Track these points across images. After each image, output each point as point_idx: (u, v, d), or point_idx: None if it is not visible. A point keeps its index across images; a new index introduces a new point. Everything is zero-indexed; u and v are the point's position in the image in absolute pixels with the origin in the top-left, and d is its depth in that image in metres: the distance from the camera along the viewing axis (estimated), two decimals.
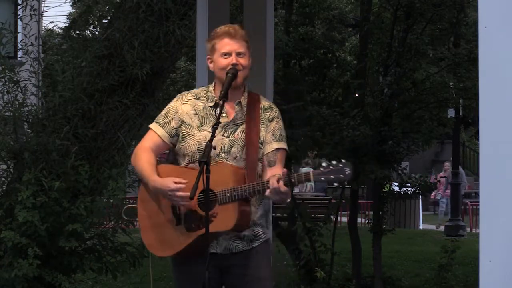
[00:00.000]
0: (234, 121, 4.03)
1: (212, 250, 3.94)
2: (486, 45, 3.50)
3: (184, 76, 14.94)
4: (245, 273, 4.00)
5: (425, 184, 11.69)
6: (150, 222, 4.01)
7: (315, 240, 10.83)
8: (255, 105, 4.07)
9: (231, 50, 3.99)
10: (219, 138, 3.97)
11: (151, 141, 4.07)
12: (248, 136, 3.98)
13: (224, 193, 3.85)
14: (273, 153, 4.01)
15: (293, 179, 3.73)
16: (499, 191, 3.44)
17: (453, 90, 11.51)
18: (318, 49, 11.76)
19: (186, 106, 4.06)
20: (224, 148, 3.97)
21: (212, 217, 3.84)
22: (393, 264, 13.35)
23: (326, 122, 10.56)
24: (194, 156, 3.97)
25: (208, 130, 3.95)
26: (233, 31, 4.00)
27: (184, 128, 4.03)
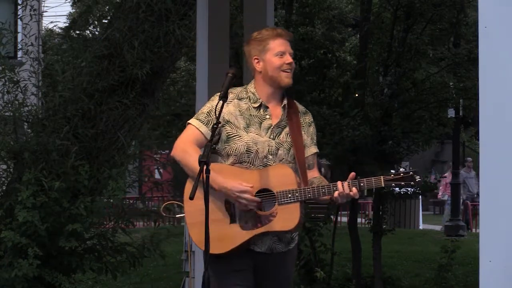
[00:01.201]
0: (279, 124, 4.09)
1: (257, 249, 4.02)
2: (486, 45, 3.50)
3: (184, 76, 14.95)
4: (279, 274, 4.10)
5: (425, 184, 11.69)
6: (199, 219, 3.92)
7: (315, 240, 10.82)
8: (294, 109, 4.16)
9: (286, 50, 4.11)
10: (266, 139, 4.03)
11: (193, 138, 4.03)
12: (295, 139, 4.06)
13: (285, 194, 3.92)
14: (313, 157, 4.15)
15: (362, 183, 3.85)
16: (499, 191, 3.44)
17: (453, 90, 11.50)
18: (318, 49, 11.75)
19: (230, 106, 4.07)
20: (272, 150, 4.03)
21: (272, 216, 3.92)
22: (393, 264, 13.35)
23: (326, 122, 10.55)
24: (242, 157, 4.00)
25: (255, 131, 4.03)
26: (283, 31, 4.14)
27: (229, 128, 4.04)
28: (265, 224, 3.93)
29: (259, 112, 4.06)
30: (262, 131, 4.04)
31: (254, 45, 4.12)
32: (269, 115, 4.07)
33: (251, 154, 3.99)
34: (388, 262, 12.93)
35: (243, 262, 4.01)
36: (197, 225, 3.97)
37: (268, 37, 4.09)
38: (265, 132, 4.04)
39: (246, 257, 4.01)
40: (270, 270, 4.08)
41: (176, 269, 10.82)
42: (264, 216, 3.93)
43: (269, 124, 4.06)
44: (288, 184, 3.93)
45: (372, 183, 3.85)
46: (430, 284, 11.64)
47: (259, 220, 3.94)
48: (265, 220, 3.93)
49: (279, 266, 4.09)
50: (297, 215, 3.92)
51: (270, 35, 4.09)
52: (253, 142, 4.00)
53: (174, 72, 13.38)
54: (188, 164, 3.99)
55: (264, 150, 4.01)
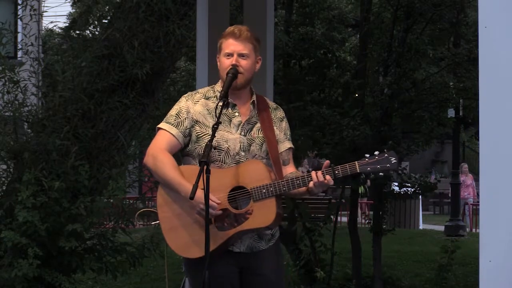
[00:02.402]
0: (249, 121, 4.06)
1: (236, 249, 3.98)
2: (486, 45, 3.50)
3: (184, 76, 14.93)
4: (265, 271, 4.05)
5: (425, 184, 11.69)
6: (175, 224, 3.94)
7: (315, 240, 10.83)
8: (264, 104, 4.12)
9: (234, 50, 4.00)
10: (237, 137, 4.00)
11: (165, 142, 4.00)
12: (266, 134, 4.03)
13: (260, 189, 3.88)
14: (287, 152, 4.12)
15: (337, 171, 3.81)
16: (499, 191, 3.44)
17: (453, 90, 11.51)
18: (318, 49, 11.75)
19: (198, 106, 4.04)
20: (244, 147, 3.99)
21: (248, 214, 3.87)
22: (393, 264, 13.35)
23: (326, 122, 10.56)
24: (213, 155, 3.94)
25: (224, 129, 3.98)
26: (238, 31, 4.00)
27: (198, 128, 4.02)
28: (241, 222, 3.88)
29: (227, 110, 4.02)
30: (232, 128, 4.01)
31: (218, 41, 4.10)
32: (237, 112, 4.04)
33: (222, 152, 3.96)
34: (388, 262, 12.93)
35: (226, 266, 3.95)
36: (173, 230, 3.94)
37: (223, 36, 4.04)
38: (236, 129, 4.01)
39: (229, 260, 3.95)
40: (254, 269, 4.03)
41: (176, 269, 10.82)
42: (240, 215, 3.88)
43: (238, 121, 4.03)
44: (262, 180, 3.88)
45: (347, 170, 3.81)
46: (430, 284, 11.64)
47: (235, 219, 3.88)
48: (241, 219, 3.88)
49: (263, 264, 4.04)
50: (274, 209, 3.87)
51: (224, 35, 4.04)
52: (223, 140, 3.96)
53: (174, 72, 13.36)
54: (161, 172, 3.94)
55: (236, 147, 3.98)
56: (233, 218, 3.89)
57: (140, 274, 10.89)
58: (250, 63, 4.01)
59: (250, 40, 4.01)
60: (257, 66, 4.07)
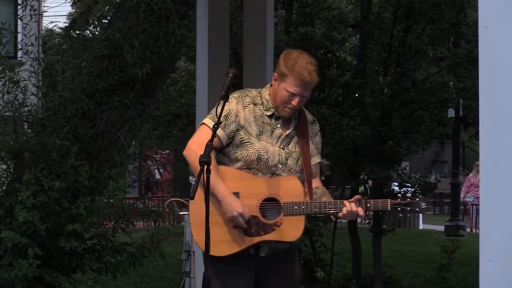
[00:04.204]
0: (288, 134, 4.13)
1: (261, 253, 4.10)
2: (486, 45, 3.49)
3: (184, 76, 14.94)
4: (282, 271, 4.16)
5: (425, 184, 11.69)
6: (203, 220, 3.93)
7: (315, 240, 10.82)
8: (304, 118, 4.19)
9: (299, 93, 4.03)
10: (276, 149, 4.08)
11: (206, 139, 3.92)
12: (303, 150, 4.12)
13: (292, 206, 3.98)
14: (316, 166, 4.20)
15: (368, 204, 3.95)
16: (499, 191, 3.44)
17: (453, 90, 11.51)
18: (318, 49, 11.75)
19: (247, 111, 4.09)
20: (281, 160, 4.07)
21: (276, 226, 3.99)
22: (393, 264, 13.34)
23: (326, 122, 10.55)
24: (252, 164, 4.03)
25: (266, 140, 4.07)
26: (309, 79, 4.00)
27: (243, 133, 4.07)
28: (267, 232, 3.99)
29: (271, 120, 4.10)
30: (273, 139, 4.08)
31: (283, 63, 4.06)
32: (280, 124, 4.11)
33: (261, 162, 4.04)
34: (388, 262, 12.92)
35: (245, 264, 4.06)
36: (201, 225, 3.93)
37: (294, 73, 3.99)
38: (276, 141, 4.09)
39: (249, 259, 4.07)
40: (273, 268, 4.13)
41: (176, 269, 10.82)
42: (269, 225, 3.99)
43: (279, 133, 4.11)
44: (296, 196, 3.99)
45: (379, 205, 3.96)
46: (430, 284, 11.64)
47: (262, 228, 3.99)
48: (268, 229, 3.99)
49: (282, 263, 4.15)
50: (301, 227, 4.01)
51: (296, 73, 3.99)
52: (264, 151, 4.04)
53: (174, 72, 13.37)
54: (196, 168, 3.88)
55: (275, 159, 4.06)
56: (261, 226, 4.00)
57: (140, 274, 10.88)
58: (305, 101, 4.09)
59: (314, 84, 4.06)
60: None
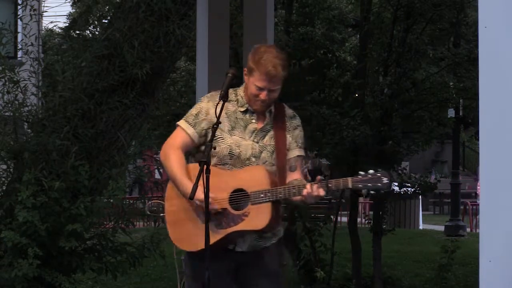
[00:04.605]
0: (263, 128, 4.14)
1: (239, 248, 4.09)
2: (486, 45, 3.50)
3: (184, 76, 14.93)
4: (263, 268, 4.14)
5: (425, 184, 11.69)
6: (178, 217, 4.10)
7: (315, 240, 10.83)
8: (282, 113, 4.21)
9: (266, 87, 4.04)
10: (250, 143, 4.10)
11: (180, 140, 4.13)
12: (277, 142, 4.13)
13: (258, 194, 3.98)
14: (295, 159, 4.18)
15: (330, 184, 3.90)
16: (499, 191, 3.44)
17: (453, 90, 11.51)
18: (318, 49, 11.76)
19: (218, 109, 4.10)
20: (255, 153, 4.09)
21: (244, 216, 3.98)
22: (393, 264, 13.35)
23: (326, 122, 10.56)
24: (225, 159, 4.07)
25: (239, 135, 4.10)
26: (274, 71, 4.00)
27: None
28: (237, 223, 3.99)
29: (245, 116, 4.13)
30: (246, 134, 4.10)
31: (251, 58, 4.10)
32: (255, 119, 4.14)
33: (234, 156, 4.07)
34: (388, 262, 12.93)
35: (225, 261, 4.07)
36: (177, 223, 4.11)
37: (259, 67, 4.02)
38: (249, 135, 4.11)
39: (227, 259, 4.07)
40: (254, 267, 4.12)
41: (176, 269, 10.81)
42: (237, 216, 4.00)
43: (254, 127, 4.13)
44: (262, 185, 3.98)
45: (340, 184, 3.91)
46: (430, 284, 11.64)
47: (232, 219, 4.00)
48: (237, 220, 3.99)
49: (262, 261, 4.13)
50: (268, 214, 3.97)
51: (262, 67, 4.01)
52: (236, 145, 4.08)
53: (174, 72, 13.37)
54: (168, 167, 4.11)
55: (247, 152, 4.08)
56: (231, 218, 4.00)
57: (140, 274, 10.89)
58: (277, 94, 4.10)
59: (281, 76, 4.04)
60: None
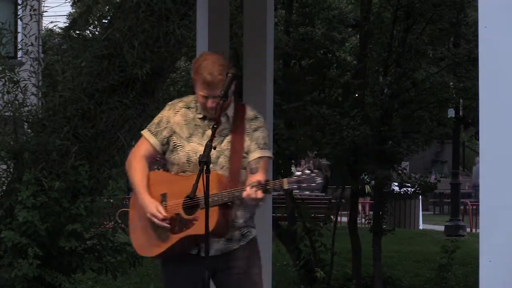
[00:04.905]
0: (221, 133, 4.13)
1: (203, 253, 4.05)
2: (486, 45, 3.50)
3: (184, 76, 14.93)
4: (233, 270, 4.13)
5: (425, 184, 11.70)
6: (138, 224, 4.18)
7: (315, 240, 10.83)
8: (241, 116, 4.18)
9: (208, 95, 4.07)
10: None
11: (143, 149, 4.24)
12: (233, 146, 4.11)
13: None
14: (256, 161, 4.12)
15: (268, 186, 3.89)
16: (499, 191, 3.44)
17: (453, 90, 11.52)
18: (318, 49, 11.76)
19: (178, 116, 4.18)
20: (212, 159, 4.03)
21: (194, 220, 4.00)
22: (393, 264, 13.35)
23: (326, 122, 10.56)
24: (184, 166, 4.11)
25: (197, 141, 4.11)
26: (210, 78, 4.01)
27: (175, 138, 4.16)
28: (189, 227, 4.02)
29: (204, 122, 4.14)
30: (204, 140, 4.07)
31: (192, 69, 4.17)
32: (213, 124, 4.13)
33: (192, 163, 4.08)
34: (388, 262, 12.93)
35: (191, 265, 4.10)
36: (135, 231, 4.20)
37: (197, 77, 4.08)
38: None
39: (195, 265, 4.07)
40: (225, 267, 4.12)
41: None
42: (188, 220, 4.03)
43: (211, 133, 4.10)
44: (211, 189, 3.94)
45: (277, 185, 3.91)
46: (430, 284, 11.64)
47: (185, 224, 4.03)
48: (189, 224, 4.02)
49: (234, 263, 4.13)
50: (215, 218, 3.95)
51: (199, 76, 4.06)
52: (193, 152, 4.09)
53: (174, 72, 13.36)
54: (129, 176, 4.21)
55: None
56: (183, 223, 4.04)
57: (140, 274, 10.88)
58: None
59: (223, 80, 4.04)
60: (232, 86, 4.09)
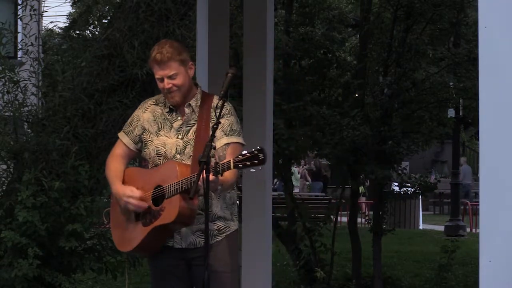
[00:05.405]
0: (187, 123, 4.19)
1: (177, 245, 4.16)
2: (486, 45, 3.49)
3: None
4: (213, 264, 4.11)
5: (425, 184, 11.70)
6: (117, 221, 4.29)
7: (315, 240, 10.83)
8: (207, 105, 4.22)
9: (162, 75, 4.14)
10: (174, 140, 4.18)
11: (119, 149, 4.34)
12: (198, 134, 4.15)
13: (169, 188, 4.04)
14: (223, 148, 4.15)
15: (218, 168, 3.90)
16: (499, 191, 3.44)
17: (453, 90, 11.52)
18: (318, 49, 11.76)
19: (147, 113, 4.28)
20: (179, 150, 4.14)
21: (161, 211, 4.05)
22: (393, 264, 13.35)
23: (326, 122, 10.56)
24: (155, 160, 4.19)
25: (165, 134, 4.19)
26: (160, 56, 4.10)
27: (145, 135, 4.26)
28: (157, 218, 4.07)
29: (171, 115, 4.22)
30: (172, 133, 4.18)
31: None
32: (180, 116, 4.21)
33: (161, 156, 4.17)
34: (388, 262, 12.93)
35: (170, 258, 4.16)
36: (115, 227, 4.32)
37: (150, 61, 4.17)
38: (174, 133, 4.19)
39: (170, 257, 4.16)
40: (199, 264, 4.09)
41: None
42: (157, 211, 4.08)
43: (179, 125, 4.20)
44: (173, 178, 4.03)
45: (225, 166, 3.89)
46: (430, 284, 11.64)
47: (154, 216, 4.09)
48: (157, 215, 4.07)
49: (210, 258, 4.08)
50: (177, 206, 3.99)
51: (152, 60, 4.15)
52: (161, 145, 4.18)
53: None
54: (107, 177, 4.31)
55: (172, 150, 4.15)
56: (153, 214, 4.10)
57: (140, 274, 10.87)
58: (181, 79, 4.15)
59: (173, 59, 4.11)
60: (190, 72, 4.20)
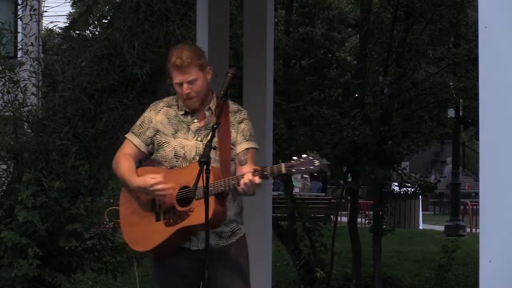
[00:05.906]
0: (206, 126, 4.19)
1: (194, 247, 4.13)
2: (486, 45, 3.49)
3: None
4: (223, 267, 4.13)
5: (425, 184, 11.70)
6: (131, 220, 4.21)
7: (315, 240, 10.83)
8: (226, 109, 4.21)
9: (182, 80, 4.12)
10: (193, 143, 4.16)
11: (128, 150, 4.28)
12: (221, 139, 4.14)
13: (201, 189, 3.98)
14: (243, 153, 4.18)
15: (265, 172, 3.91)
16: (499, 191, 3.44)
17: (453, 90, 11.52)
18: (318, 49, 11.77)
19: (160, 115, 4.24)
20: (199, 152, 4.11)
21: (189, 211, 4.02)
22: (393, 264, 13.35)
23: (326, 122, 10.57)
24: (172, 162, 4.16)
25: (183, 136, 4.17)
26: (179, 62, 4.09)
27: (159, 136, 4.22)
28: (184, 219, 4.04)
29: (187, 118, 4.20)
30: (189, 135, 4.17)
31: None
32: (197, 119, 4.20)
33: (179, 158, 4.15)
34: (388, 262, 12.94)
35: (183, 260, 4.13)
36: (129, 226, 4.23)
37: (169, 65, 4.14)
38: (193, 135, 4.18)
39: (185, 258, 4.13)
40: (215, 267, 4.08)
41: None
42: (183, 212, 4.04)
43: (196, 127, 4.19)
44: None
45: (275, 170, 3.92)
46: (430, 284, 11.65)
47: (179, 216, 4.05)
48: (184, 216, 4.04)
49: (224, 261, 4.14)
50: (212, 207, 3.96)
51: (171, 66, 4.13)
52: (180, 147, 4.16)
53: None
54: (118, 173, 4.24)
55: (192, 152, 4.14)
56: (178, 214, 4.06)
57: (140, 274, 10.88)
58: (200, 84, 4.14)
59: (193, 64, 4.11)
60: (208, 77, 4.19)
